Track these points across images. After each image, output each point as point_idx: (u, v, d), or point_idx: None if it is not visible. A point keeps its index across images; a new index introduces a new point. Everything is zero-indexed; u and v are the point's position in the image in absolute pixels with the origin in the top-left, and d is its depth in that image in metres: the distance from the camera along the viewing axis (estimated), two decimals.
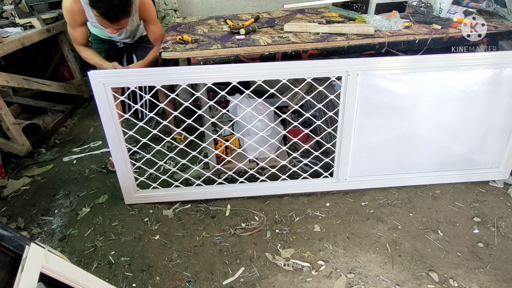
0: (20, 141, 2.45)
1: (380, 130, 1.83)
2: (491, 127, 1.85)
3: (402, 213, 1.84)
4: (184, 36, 1.84)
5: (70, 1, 1.77)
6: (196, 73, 1.62)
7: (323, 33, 1.89)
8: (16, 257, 0.74)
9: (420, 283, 1.48)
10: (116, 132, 1.72)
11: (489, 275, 1.50)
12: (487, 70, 1.68)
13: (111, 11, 1.61)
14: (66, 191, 2.14)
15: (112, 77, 1.61)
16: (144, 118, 2.80)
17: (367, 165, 1.94)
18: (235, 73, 1.63)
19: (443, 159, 1.94)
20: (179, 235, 1.77)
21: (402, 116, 1.80)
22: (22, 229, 1.86)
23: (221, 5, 2.99)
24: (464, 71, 1.68)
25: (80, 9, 1.79)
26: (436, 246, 1.65)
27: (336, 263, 1.58)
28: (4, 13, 2.70)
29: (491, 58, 1.65)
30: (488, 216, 1.81)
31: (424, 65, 1.64)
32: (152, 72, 1.63)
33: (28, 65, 3.11)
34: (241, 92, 1.82)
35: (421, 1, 2.04)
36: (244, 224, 1.81)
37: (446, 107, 1.77)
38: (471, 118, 1.81)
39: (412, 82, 1.70)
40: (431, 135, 1.86)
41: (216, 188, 1.95)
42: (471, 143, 1.90)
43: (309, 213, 1.86)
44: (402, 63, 1.64)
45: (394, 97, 1.74)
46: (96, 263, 1.63)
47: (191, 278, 1.54)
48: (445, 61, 1.64)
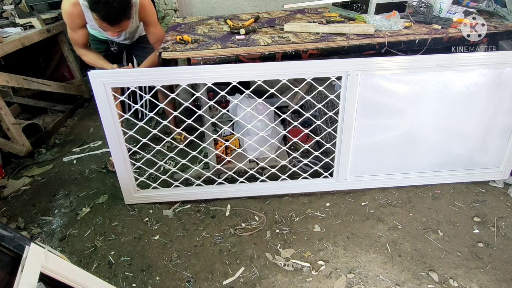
0: (20, 141, 2.45)
1: (380, 130, 1.83)
2: (492, 127, 1.85)
3: (402, 213, 1.84)
4: (184, 36, 1.84)
5: (69, 5, 1.76)
6: (196, 73, 1.62)
7: (323, 33, 1.90)
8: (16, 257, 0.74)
9: (420, 283, 1.48)
10: (116, 132, 1.72)
11: (489, 275, 1.50)
12: (487, 70, 1.68)
13: (111, 14, 1.60)
14: (66, 191, 2.14)
15: (112, 77, 1.61)
16: (144, 118, 2.80)
17: (367, 165, 1.94)
18: (235, 73, 1.63)
19: (443, 159, 1.94)
20: (179, 235, 1.77)
21: (402, 116, 1.80)
22: (22, 229, 1.86)
23: (221, 5, 3.00)
24: (464, 71, 1.68)
25: (79, 12, 1.79)
26: (436, 246, 1.65)
27: (336, 263, 1.58)
28: (4, 13, 2.70)
29: (491, 58, 1.65)
30: (488, 216, 1.81)
31: (424, 65, 1.64)
32: (152, 72, 1.62)
33: (28, 65, 3.11)
34: (241, 92, 1.81)
35: (421, 1, 2.04)
36: (244, 224, 1.81)
37: (446, 107, 1.77)
38: (471, 118, 1.81)
39: (412, 82, 1.70)
40: (431, 135, 1.86)
41: (216, 188, 1.95)
42: (471, 143, 1.90)
43: (309, 213, 1.86)
44: (402, 63, 1.64)
45: (394, 97, 1.74)
46: (96, 263, 1.63)
47: (191, 278, 1.54)
48: (445, 61, 1.64)
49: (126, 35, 2.08)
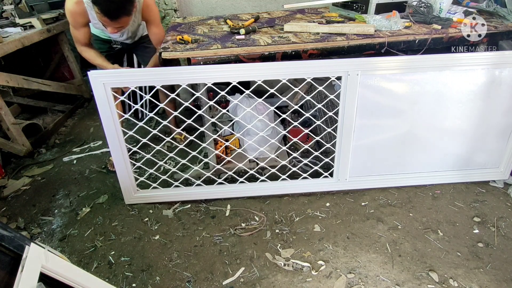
0: (20, 141, 2.45)
1: (380, 130, 1.83)
2: (491, 127, 1.85)
3: (402, 213, 1.84)
4: (184, 36, 1.84)
5: (73, 3, 1.77)
6: (196, 73, 1.62)
7: (323, 33, 1.90)
8: (16, 257, 0.74)
9: (420, 283, 1.48)
10: (116, 132, 1.72)
11: (489, 275, 1.50)
12: (487, 70, 1.68)
13: (112, 8, 1.62)
14: (66, 191, 2.14)
15: (112, 77, 1.61)
16: (144, 118, 2.80)
17: (367, 165, 1.93)
18: (235, 73, 1.63)
19: (443, 159, 1.94)
20: (179, 235, 1.77)
21: (402, 116, 1.80)
22: (22, 229, 1.86)
23: (221, 5, 3.00)
24: (463, 71, 1.68)
25: (82, 10, 1.80)
26: (436, 246, 1.65)
27: (336, 263, 1.58)
28: (4, 13, 2.70)
29: (491, 58, 1.65)
30: (488, 216, 1.81)
31: (424, 65, 1.64)
32: (151, 72, 1.63)
33: (28, 65, 3.11)
34: (241, 92, 1.81)
35: (421, 1, 2.04)
36: (244, 224, 1.81)
37: (446, 107, 1.77)
38: (471, 118, 1.81)
39: (412, 82, 1.70)
40: (431, 135, 1.86)
41: (216, 188, 1.95)
42: (471, 143, 1.90)
43: (309, 213, 1.86)
44: (401, 63, 1.64)
45: (394, 97, 1.74)
46: (96, 263, 1.63)
47: (191, 278, 1.54)
48: (444, 61, 1.64)
49: (129, 34, 2.08)
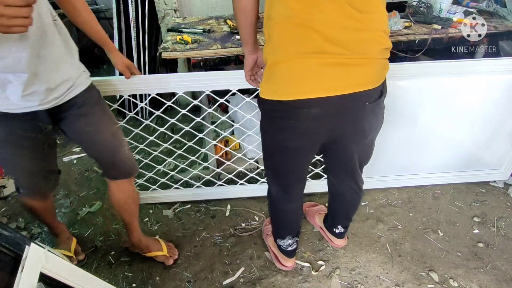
0: None
1: (380, 132, 1.82)
2: (498, 131, 1.80)
3: (402, 213, 1.84)
4: (184, 36, 1.84)
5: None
6: (194, 81, 1.52)
7: None
8: (16, 257, 0.74)
9: (420, 283, 1.48)
10: None
11: (489, 275, 1.50)
12: (494, 77, 1.62)
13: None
14: (66, 191, 2.14)
15: (103, 86, 1.43)
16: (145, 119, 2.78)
17: (367, 166, 1.93)
18: (234, 81, 1.52)
19: (446, 161, 1.92)
20: (179, 235, 1.77)
21: (405, 120, 1.75)
22: (22, 229, 1.86)
23: (221, 5, 2.99)
24: (467, 76, 1.62)
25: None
26: (436, 246, 1.65)
27: (336, 263, 1.58)
28: None
29: (497, 65, 1.59)
30: (488, 216, 1.81)
31: (427, 71, 1.59)
32: (146, 80, 1.49)
33: None
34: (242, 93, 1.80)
35: (421, 1, 2.04)
36: (244, 224, 1.81)
37: (450, 112, 1.73)
38: (478, 122, 1.77)
39: (416, 87, 1.65)
40: (434, 140, 1.83)
41: (216, 189, 1.95)
42: (475, 147, 1.87)
43: None
44: (402, 69, 1.60)
45: (397, 100, 1.72)
46: (96, 263, 1.63)
47: (191, 278, 1.54)
48: (448, 68, 1.58)
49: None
